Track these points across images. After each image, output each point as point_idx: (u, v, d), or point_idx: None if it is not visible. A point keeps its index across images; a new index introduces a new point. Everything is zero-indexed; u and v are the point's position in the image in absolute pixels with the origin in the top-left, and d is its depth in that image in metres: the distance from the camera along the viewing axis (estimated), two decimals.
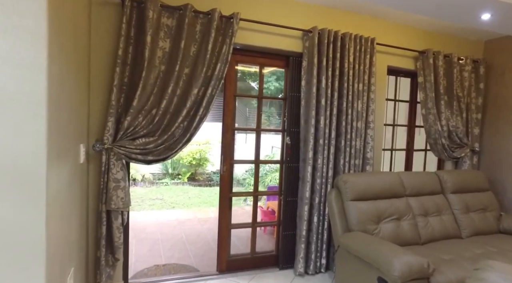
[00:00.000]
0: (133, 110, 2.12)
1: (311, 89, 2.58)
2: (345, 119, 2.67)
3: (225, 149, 2.63)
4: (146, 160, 2.17)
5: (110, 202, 2.08)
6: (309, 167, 2.60)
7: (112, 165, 2.10)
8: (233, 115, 2.65)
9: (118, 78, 2.08)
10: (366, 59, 2.72)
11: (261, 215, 4.27)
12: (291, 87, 2.68)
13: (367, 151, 2.81)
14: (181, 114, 2.23)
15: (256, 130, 2.78)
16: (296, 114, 2.71)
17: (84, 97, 2.01)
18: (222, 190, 2.64)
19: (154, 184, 7.93)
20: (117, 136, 2.11)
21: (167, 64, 2.23)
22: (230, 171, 2.66)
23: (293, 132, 2.72)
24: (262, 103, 2.76)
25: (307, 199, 2.62)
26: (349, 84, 2.66)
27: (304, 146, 2.66)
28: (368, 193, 2.40)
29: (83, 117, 1.99)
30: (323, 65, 2.57)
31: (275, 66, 2.75)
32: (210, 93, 2.30)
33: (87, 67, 2.04)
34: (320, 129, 2.60)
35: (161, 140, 2.19)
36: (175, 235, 3.91)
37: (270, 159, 7.58)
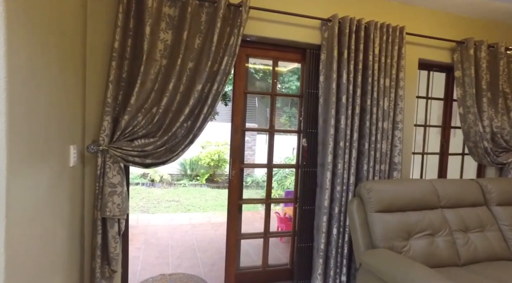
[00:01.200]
0: (131, 108, 1.94)
1: (330, 85, 2.30)
2: (369, 119, 2.36)
3: (234, 151, 2.40)
4: (145, 163, 1.98)
5: (105, 208, 1.91)
6: (328, 172, 2.31)
7: (108, 168, 1.92)
8: (243, 115, 2.41)
9: (114, 74, 1.90)
10: (394, 51, 2.39)
11: (277, 222, 4.01)
12: (308, 83, 2.41)
13: (395, 155, 2.47)
14: (184, 113, 2.02)
15: (269, 131, 2.53)
16: (313, 114, 2.43)
17: (78, 95, 1.85)
18: (231, 196, 2.41)
19: (172, 185, 7.86)
20: (113, 137, 1.94)
21: (169, 58, 2.03)
22: (239, 176, 2.43)
23: (310, 133, 2.44)
24: (275, 101, 2.51)
25: (325, 208, 2.33)
26: (374, 80, 2.35)
27: (323, 148, 2.38)
28: (396, 203, 2.08)
29: (76, 116, 1.82)
30: (344, 58, 2.28)
31: (290, 60, 2.49)
32: (216, 90, 2.08)
33: (81, 62, 1.88)
34: (341, 131, 2.30)
35: (161, 142, 1.99)
36: (186, 241, 3.72)
37: (290, 161, 7.29)
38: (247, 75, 2.41)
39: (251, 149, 10.66)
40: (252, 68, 9.06)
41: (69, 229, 1.74)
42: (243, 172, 2.51)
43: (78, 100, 1.86)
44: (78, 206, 1.91)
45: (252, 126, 10.63)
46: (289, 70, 8.28)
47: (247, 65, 2.41)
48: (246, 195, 7.10)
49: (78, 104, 1.86)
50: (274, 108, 2.53)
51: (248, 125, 10.57)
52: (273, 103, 2.50)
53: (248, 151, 10.54)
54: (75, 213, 1.86)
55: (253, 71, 9.73)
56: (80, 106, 1.90)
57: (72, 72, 1.72)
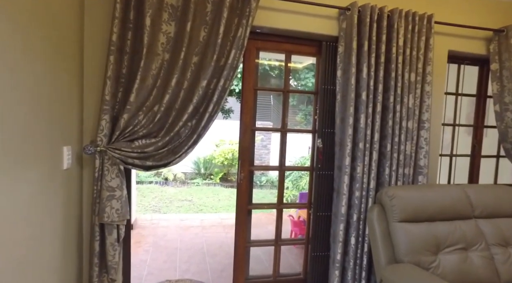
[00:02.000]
0: (131, 106, 1.80)
1: (348, 80, 2.08)
2: (392, 117, 2.13)
3: (243, 152, 2.23)
4: (145, 165, 1.84)
5: (102, 214, 1.78)
6: (346, 176, 2.10)
7: (106, 171, 1.79)
8: (253, 113, 2.23)
9: (113, 69, 1.76)
10: (420, 42, 2.15)
11: (291, 226, 3.82)
12: (323, 78, 2.20)
13: (420, 157, 2.23)
14: (187, 111, 1.86)
15: (281, 131, 2.34)
16: (330, 112, 2.23)
17: (74, 92, 1.72)
18: (239, 201, 2.24)
19: (185, 184, 7.80)
20: (112, 137, 1.80)
21: (172, 52, 1.87)
22: (249, 179, 2.25)
23: (326, 133, 2.24)
24: (288, 98, 2.32)
25: (342, 215, 2.13)
26: (397, 74, 2.11)
27: (340, 150, 2.17)
28: (422, 212, 1.85)
29: (71, 115, 1.70)
30: (364, 51, 2.06)
31: (304, 53, 2.29)
32: (222, 86, 1.91)
33: (78, 56, 1.75)
34: (360, 130, 2.09)
35: (162, 143, 1.85)
36: (196, 243, 3.59)
37: (306, 161, 7.07)
38: (257, 70, 2.23)
39: (266, 147, 10.48)
40: (267, 65, 8.85)
41: (63, 236, 1.62)
42: (253, 174, 2.34)
43: (74, 98, 1.74)
44: (74, 211, 1.79)
45: (267, 124, 10.45)
46: (305, 66, 8.01)
47: (257, 61, 2.23)
48: (260, 195, 6.95)
49: (74, 103, 1.74)
50: (287, 106, 2.34)
51: (263, 123, 10.45)
52: (286, 101, 2.31)
53: (263, 149, 10.36)
54: (71, 218, 1.74)
55: (268, 68, 9.53)
56: (77, 105, 1.78)
57: (66, 67, 1.59)
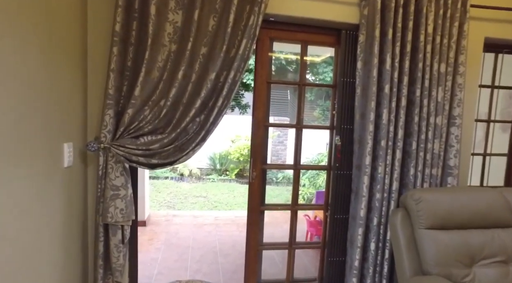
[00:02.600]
0: (135, 101, 1.70)
1: (370, 72, 1.90)
2: (418, 113, 1.94)
3: (255, 150, 2.09)
4: (150, 163, 1.74)
5: (106, 214, 1.70)
6: (366, 176, 1.93)
7: (110, 169, 1.70)
8: (266, 108, 2.09)
9: (116, 61, 1.66)
10: (452, 28, 1.93)
11: (306, 225, 3.67)
12: (342, 70, 2.03)
13: (450, 157, 2.03)
14: (195, 105, 1.75)
15: (296, 127, 2.19)
16: (349, 107, 2.05)
17: (76, 86, 1.64)
18: (251, 201, 2.11)
19: (200, 179, 7.77)
20: (117, 133, 1.71)
21: (179, 43, 1.76)
22: (261, 178, 2.12)
23: (344, 130, 2.07)
24: (304, 92, 2.16)
25: (361, 218, 1.96)
26: (425, 65, 1.91)
27: (360, 148, 2.00)
28: (453, 218, 1.66)
29: (73, 110, 1.62)
30: (388, 39, 1.87)
31: (321, 43, 2.12)
32: (232, 79, 1.78)
33: (81, 48, 1.67)
34: (382, 127, 1.91)
35: (168, 139, 1.74)
36: (208, 242, 3.51)
37: (324, 157, 6.86)
38: (270, 62, 2.08)
39: (283, 143, 10.31)
40: (284, 59, 8.65)
41: (65, 236, 1.55)
42: (266, 173, 2.20)
43: (77, 92, 1.65)
44: (78, 210, 1.72)
45: (284, 120, 10.26)
46: (323, 60, 7.74)
47: (271, 55, 2.08)
48: (276, 192, 6.82)
49: (77, 97, 1.66)
50: (303, 101, 2.18)
51: (280, 119, 10.27)
52: (301, 95, 2.15)
53: (280, 145, 10.21)
54: (74, 218, 1.67)
55: (284, 63, 9.32)
56: (80, 99, 1.70)
57: (67, 59, 1.51)
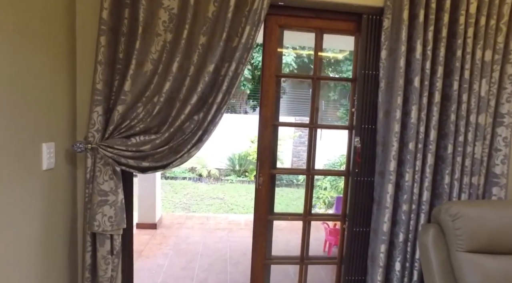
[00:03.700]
0: (126, 97, 1.53)
1: (396, 62, 1.62)
2: (455, 110, 1.63)
3: (262, 152, 1.86)
4: (140, 166, 1.56)
5: (92, 222, 1.53)
6: (390, 184, 1.65)
7: (98, 172, 1.54)
8: (275, 105, 1.85)
9: (104, 53, 1.49)
10: (502, 7, 1.60)
11: (325, 234, 3.38)
12: (363, 61, 1.76)
13: (495, 163, 1.69)
14: (190, 102, 1.55)
15: (310, 127, 1.94)
16: (371, 103, 1.78)
17: (61, 80, 1.49)
18: (258, 210, 1.89)
19: (219, 180, 7.63)
20: (106, 132, 1.55)
21: (175, 32, 1.56)
22: (269, 184, 1.88)
23: (365, 130, 1.80)
24: (318, 87, 1.90)
25: (384, 233, 1.68)
26: (465, 52, 1.60)
27: (383, 151, 1.71)
28: (503, 240, 1.35)
29: (56, 107, 1.46)
30: (418, 23, 1.58)
31: (339, 31, 1.85)
32: (234, 71, 1.57)
33: (67, 38, 1.51)
34: (410, 127, 1.62)
35: (161, 140, 1.55)
36: (219, 249, 3.32)
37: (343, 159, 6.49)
38: (280, 53, 1.85)
39: (305, 144, 9.98)
40: (306, 55, 8.33)
41: (45, 248, 1.40)
42: (275, 178, 1.97)
43: (62, 87, 1.50)
44: (63, 218, 1.57)
45: (305, 120, 9.93)
46: (345, 56, 7.34)
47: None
48: (296, 195, 6.50)
49: (62, 92, 1.50)
50: (317, 96, 1.92)
51: (301, 119, 9.94)
52: (315, 90, 1.89)
53: (301, 146, 9.88)
54: (58, 227, 1.51)
55: (307, 61, 8.98)
56: (67, 94, 1.55)
57: (48, 50, 1.35)
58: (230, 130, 8.36)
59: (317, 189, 6.44)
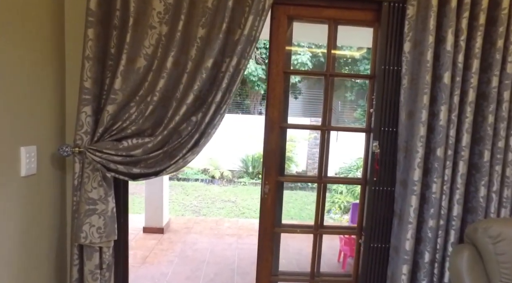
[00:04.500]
0: (116, 96, 1.38)
1: (422, 55, 1.40)
2: (493, 110, 1.40)
3: (268, 157, 1.68)
4: (131, 173, 1.41)
5: (79, 233, 1.40)
6: (414, 196, 1.43)
7: (86, 178, 1.40)
8: (283, 105, 1.67)
9: (92, 47, 1.35)
10: None
11: (340, 243, 3.16)
12: (383, 56, 1.55)
13: None
14: (186, 101, 1.39)
15: (321, 129, 1.74)
16: (391, 103, 1.57)
17: (46, 78, 1.36)
18: (263, 221, 1.71)
19: (231, 182, 7.48)
20: (95, 135, 1.41)
21: (172, 24, 1.41)
22: (276, 193, 1.70)
23: (385, 133, 1.59)
24: (331, 84, 1.70)
25: (407, 252, 1.47)
26: (508, 43, 1.37)
27: (406, 158, 1.50)
28: None
29: (41, 107, 1.34)
30: (450, 9, 1.36)
31: (355, 21, 1.65)
32: (235, 66, 1.40)
33: (53, 31, 1.39)
34: (439, 130, 1.40)
35: (153, 144, 1.40)
36: (227, 257, 3.15)
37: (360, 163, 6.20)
38: (290, 45, 1.66)
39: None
40: (322, 54, 8.06)
41: (25, 261, 1.27)
42: (282, 187, 1.78)
43: (48, 84, 1.37)
44: (49, 228, 1.44)
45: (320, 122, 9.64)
46: (363, 54, 7.02)
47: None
48: (311, 199, 6.23)
49: (48, 90, 1.38)
50: (330, 95, 1.72)
51: (318, 121, 9.68)
52: (328, 88, 1.69)
53: (317, 148, 9.61)
54: (41, 238, 1.39)
55: (323, 60, 8.71)
56: (53, 93, 1.42)
57: (30, 44, 1.22)
58: (244, 132, 8.22)
59: (332, 192, 6.18)
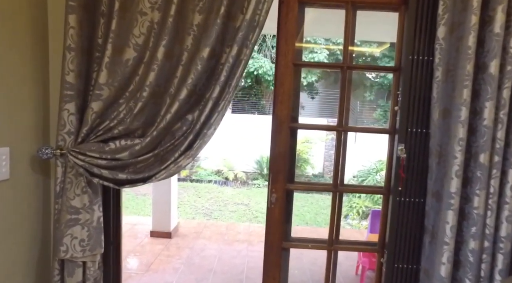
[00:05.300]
0: (101, 91, 1.23)
1: (462, 41, 1.16)
2: None
3: (275, 161, 1.48)
4: (116, 178, 1.24)
5: (58, 246, 1.24)
6: (450, 211, 1.19)
7: (68, 184, 1.24)
8: (293, 102, 1.45)
9: (74, 36, 1.20)
10: None
11: (358, 256, 2.91)
12: (411, 44, 1.31)
13: None
14: (179, 97, 1.21)
15: (337, 130, 1.51)
16: (420, 100, 1.33)
17: (23, 69, 1.21)
18: (270, 234, 1.50)
19: (245, 184, 7.30)
20: (79, 135, 1.25)
21: (165, 10, 1.24)
22: (285, 202, 1.49)
23: (412, 135, 1.35)
24: (348, 78, 1.48)
25: (443, 278, 1.22)
26: None
27: (440, 165, 1.26)
28: None
29: (17, 104, 1.19)
30: None
31: (377, 4, 1.42)
32: (235, 57, 1.21)
33: (31, 17, 1.24)
34: (483, 132, 1.15)
35: (141, 146, 1.22)
36: (235, 265, 2.96)
37: (383, 167, 5.88)
38: (301, 34, 1.45)
39: None
40: (340, 51, 7.74)
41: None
42: (292, 195, 1.57)
43: (25, 79, 1.23)
44: (29, 241, 1.29)
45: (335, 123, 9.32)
46: (383, 52, 6.63)
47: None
48: (327, 203, 5.88)
49: (24, 86, 1.23)
50: (347, 92, 1.49)
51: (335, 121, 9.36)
52: (345, 82, 1.47)
53: (332, 150, 9.29)
54: (16, 252, 1.24)
55: (341, 59, 8.40)
56: (32, 89, 1.27)
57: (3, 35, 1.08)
58: (259, 132, 8.00)
59: (349, 196, 5.89)
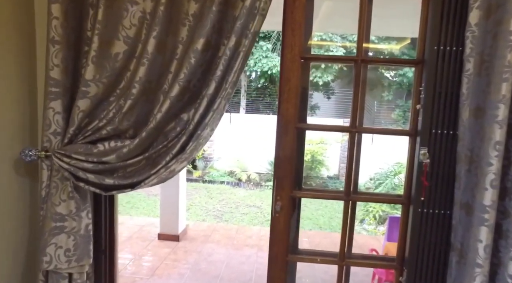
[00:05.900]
0: (87, 88, 1.13)
1: (501, 25, 0.98)
2: None
3: (280, 165, 1.34)
4: (103, 184, 1.13)
5: (41, 256, 1.14)
6: (484, 227, 1.01)
7: (53, 188, 1.15)
8: (301, 100, 1.31)
9: (58, 28, 1.10)
10: None
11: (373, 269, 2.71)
12: (436, 33, 1.14)
13: None
14: (171, 94, 1.09)
15: (350, 131, 1.35)
16: (447, 96, 1.16)
17: (6, 67, 1.13)
18: (274, 246, 1.35)
19: (258, 186, 7.16)
20: (65, 136, 1.16)
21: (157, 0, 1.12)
22: (291, 211, 1.34)
23: (437, 137, 1.18)
24: (362, 73, 1.31)
25: None
26: None
27: (470, 172, 1.08)
28: None
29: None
30: None
31: None
32: (232, 49, 1.09)
33: (14, 10, 1.15)
34: None
35: (129, 149, 1.11)
36: (243, 272, 2.83)
37: (402, 170, 5.62)
38: (310, 27, 1.30)
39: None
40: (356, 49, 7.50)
41: None
42: (300, 203, 1.43)
43: (8, 74, 1.14)
44: (13, 248, 1.20)
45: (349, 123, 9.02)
46: (402, 49, 6.30)
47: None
48: (340, 206, 5.53)
49: (6, 82, 1.14)
50: (362, 90, 1.33)
51: (346, 121, 9.06)
52: (358, 78, 1.30)
53: (344, 151, 9.03)
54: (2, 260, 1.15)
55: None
56: (15, 85, 1.19)
57: None
58: (273, 133, 7.85)
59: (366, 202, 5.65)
